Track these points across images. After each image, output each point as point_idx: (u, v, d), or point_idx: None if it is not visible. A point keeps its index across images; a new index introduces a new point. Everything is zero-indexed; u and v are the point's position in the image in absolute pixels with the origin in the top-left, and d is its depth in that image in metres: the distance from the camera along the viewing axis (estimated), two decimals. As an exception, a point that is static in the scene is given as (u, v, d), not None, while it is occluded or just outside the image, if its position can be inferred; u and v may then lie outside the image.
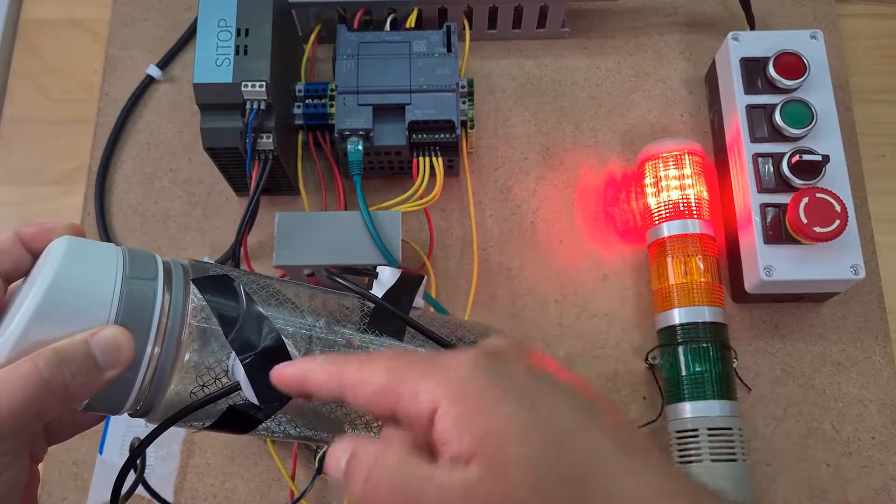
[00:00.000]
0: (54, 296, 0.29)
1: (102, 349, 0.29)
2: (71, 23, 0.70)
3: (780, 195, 0.55)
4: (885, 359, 0.58)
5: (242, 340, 0.32)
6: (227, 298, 0.33)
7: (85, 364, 0.28)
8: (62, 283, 0.29)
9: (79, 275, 0.29)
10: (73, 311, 0.29)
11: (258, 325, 0.33)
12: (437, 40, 0.59)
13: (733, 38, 0.59)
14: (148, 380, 0.31)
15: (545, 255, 0.61)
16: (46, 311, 0.28)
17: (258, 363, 0.32)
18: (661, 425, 0.56)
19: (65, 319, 0.29)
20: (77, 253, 0.30)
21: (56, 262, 0.29)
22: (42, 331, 0.28)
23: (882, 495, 0.55)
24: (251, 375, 0.32)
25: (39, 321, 0.28)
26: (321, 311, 0.37)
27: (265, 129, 0.54)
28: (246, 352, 0.32)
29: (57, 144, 0.66)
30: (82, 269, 0.30)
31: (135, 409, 0.32)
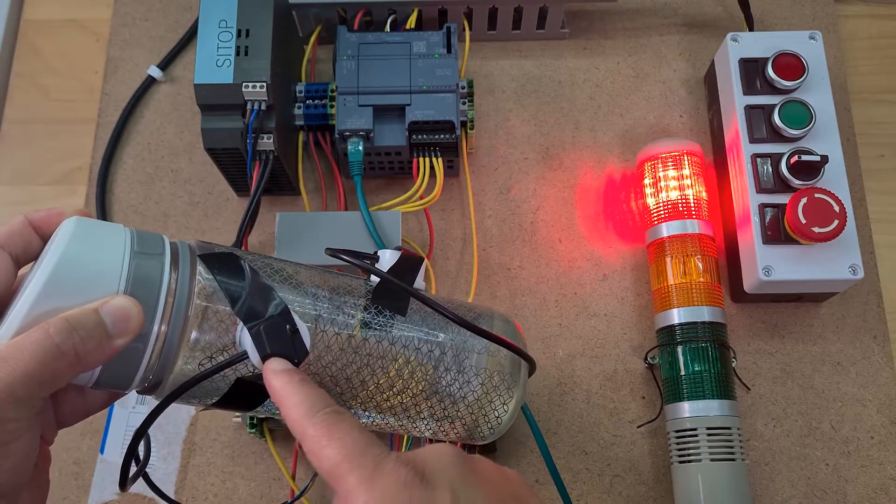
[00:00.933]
0: (64, 268, 0.29)
1: (112, 317, 0.30)
2: (72, 23, 0.70)
3: (779, 195, 0.55)
4: (884, 358, 0.58)
5: (249, 310, 0.33)
6: (233, 274, 0.34)
7: (95, 331, 0.29)
8: (72, 257, 0.30)
9: (88, 249, 0.30)
10: (82, 283, 0.30)
11: (264, 295, 0.33)
12: (437, 41, 0.59)
13: (732, 38, 0.59)
14: (156, 354, 0.31)
15: (545, 255, 0.61)
16: (56, 282, 0.29)
17: (265, 330, 0.32)
18: (660, 425, 0.56)
19: (74, 291, 0.29)
20: (86, 231, 0.31)
21: (66, 239, 0.30)
22: (52, 301, 0.29)
23: (881, 495, 0.55)
24: (258, 343, 0.32)
25: (50, 292, 0.29)
26: (325, 288, 0.38)
27: (266, 130, 0.55)
28: (252, 320, 0.32)
29: (58, 144, 0.66)
30: (91, 245, 0.30)
31: (143, 385, 0.33)
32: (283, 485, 0.56)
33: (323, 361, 0.36)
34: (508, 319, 0.45)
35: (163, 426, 0.57)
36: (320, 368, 0.36)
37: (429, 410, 0.40)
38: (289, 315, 0.33)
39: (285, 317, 0.33)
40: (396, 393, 0.39)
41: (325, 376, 0.37)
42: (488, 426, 0.42)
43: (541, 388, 0.58)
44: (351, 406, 0.39)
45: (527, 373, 0.43)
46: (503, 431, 0.43)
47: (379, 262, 0.43)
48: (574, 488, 0.55)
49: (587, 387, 0.58)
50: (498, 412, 0.41)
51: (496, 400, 0.41)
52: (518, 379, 0.42)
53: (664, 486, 0.55)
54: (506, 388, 0.41)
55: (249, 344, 0.32)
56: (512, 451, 0.56)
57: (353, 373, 0.37)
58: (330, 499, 0.56)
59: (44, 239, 0.33)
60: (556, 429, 0.57)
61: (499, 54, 0.67)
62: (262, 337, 0.32)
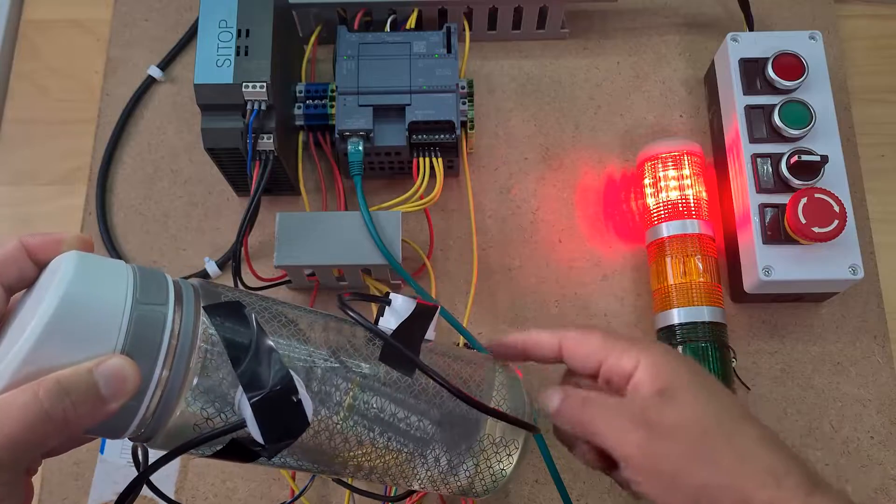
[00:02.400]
0: (61, 318, 0.27)
1: (107, 380, 0.28)
2: (72, 23, 0.70)
3: (779, 195, 0.55)
4: (884, 358, 0.58)
5: (251, 377, 0.31)
6: (237, 327, 0.32)
7: (88, 395, 0.28)
8: (70, 305, 0.28)
9: (87, 296, 0.28)
10: (79, 335, 0.28)
11: (268, 360, 0.31)
12: (437, 41, 0.59)
13: (732, 38, 0.59)
14: (152, 408, 0.30)
15: (545, 255, 0.61)
16: (52, 334, 0.27)
17: (267, 403, 0.31)
18: (661, 425, 0.56)
19: (70, 344, 0.28)
20: (86, 272, 0.29)
21: (64, 282, 0.28)
22: (46, 356, 0.27)
23: (881, 495, 0.55)
24: (259, 415, 0.31)
25: (44, 345, 0.27)
26: (333, 342, 0.36)
27: (266, 130, 0.55)
28: (254, 391, 0.31)
29: (58, 144, 0.66)
30: (91, 291, 0.28)
31: (136, 434, 0.31)
32: (283, 485, 0.56)
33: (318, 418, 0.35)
34: (513, 375, 0.43)
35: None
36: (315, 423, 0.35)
37: (425, 472, 0.39)
38: (293, 386, 0.31)
39: (289, 388, 0.31)
40: (394, 457, 0.38)
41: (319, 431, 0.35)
42: (483, 486, 0.41)
43: (541, 388, 0.58)
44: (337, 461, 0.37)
45: (530, 437, 0.42)
46: (500, 489, 0.42)
47: (391, 306, 0.42)
48: (574, 488, 0.55)
49: (587, 387, 0.58)
50: (496, 474, 0.40)
51: (495, 464, 0.40)
52: (520, 441, 0.41)
53: (664, 486, 0.55)
54: (506, 453, 0.40)
55: (250, 415, 0.31)
56: (512, 451, 0.56)
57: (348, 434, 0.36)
58: (329, 499, 0.56)
59: (39, 265, 0.31)
60: (556, 429, 0.57)
61: (499, 54, 0.67)
62: (263, 411, 0.31)
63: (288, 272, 0.57)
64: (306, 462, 0.37)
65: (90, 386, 0.28)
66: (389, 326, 0.40)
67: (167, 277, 0.31)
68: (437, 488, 0.41)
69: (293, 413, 0.32)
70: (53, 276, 0.29)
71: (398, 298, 0.41)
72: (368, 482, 0.54)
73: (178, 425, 0.31)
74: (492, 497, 0.55)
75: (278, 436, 0.32)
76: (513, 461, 0.40)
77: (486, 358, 0.44)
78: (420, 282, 0.58)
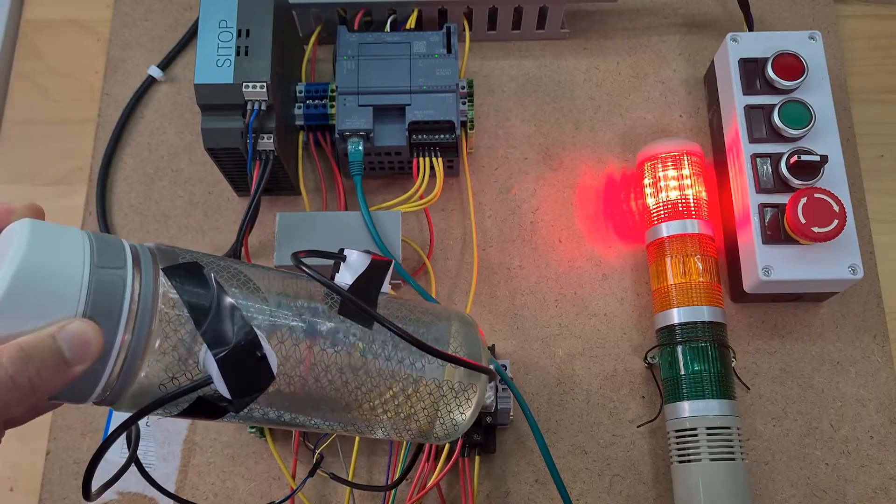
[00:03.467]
0: (20, 286, 0.27)
1: (70, 344, 0.28)
2: (72, 23, 0.70)
3: (779, 195, 0.55)
4: (884, 358, 0.58)
5: (215, 334, 0.31)
6: (197, 288, 0.32)
7: (52, 360, 0.27)
8: (28, 272, 0.27)
9: (45, 263, 0.28)
10: (39, 301, 0.28)
11: (230, 317, 0.32)
12: (437, 41, 0.59)
13: (732, 38, 0.59)
14: (116, 371, 0.30)
15: (545, 255, 0.61)
16: (11, 302, 0.27)
17: (232, 358, 0.31)
18: (660, 424, 0.56)
19: (31, 311, 0.27)
20: (42, 239, 0.28)
21: (21, 249, 0.27)
22: (6, 323, 0.27)
23: (880, 494, 0.55)
24: (224, 371, 0.31)
25: (3, 313, 0.27)
26: (292, 297, 0.37)
27: (266, 130, 0.55)
28: (219, 346, 0.31)
29: (58, 145, 0.66)
30: (48, 257, 0.28)
31: (101, 398, 0.31)
32: (283, 484, 0.56)
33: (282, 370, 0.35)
34: (468, 321, 0.44)
35: (163, 425, 0.58)
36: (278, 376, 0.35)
37: (386, 416, 0.40)
38: (257, 341, 0.32)
39: (253, 343, 0.32)
40: (354, 401, 0.38)
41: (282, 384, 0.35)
42: (444, 431, 0.41)
43: (541, 387, 0.58)
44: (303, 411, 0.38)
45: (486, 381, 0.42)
46: (459, 436, 0.43)
47: (346, 262, 0.42)
48: (574, 488, 0.56)
49: (587, 386, 0.58)
50: (455, 419, 0.41)
51: (455, 408, 0.41)
52: (478, 386, 0.41)
53: (664, 486, 0.55)
54: (465, 398, 0.41)
55: (215, 371, 0.31)
56: (512, 451, 0.56)
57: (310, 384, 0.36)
58: (329, 497, 0.56)
59: None
60: (556, 428, 0.57)
61: (499, 54, 0.67)
62: (228, 366, 0.31)
63: (288, 271, 0.57)
64: (272, 414, 0.37)
65: (54, 350, 0.27)
66: (346, 281, 0.40)
67: (124, 242, 0.31)
68: (400, 435, 0.41)
69: (258, 367, 0.32)
70: (8, 246, 0.28)
71: (353, 254, 0.41)
72: (349, 459, 0.54)
73: (143, 386, 0.31)
74: (491, 496, 0.55)
75: (245, 390, 0.32)
76: (471, 405, 0.41)
77: (442, 308, 0.44)
78: (420, 281, 0.58)
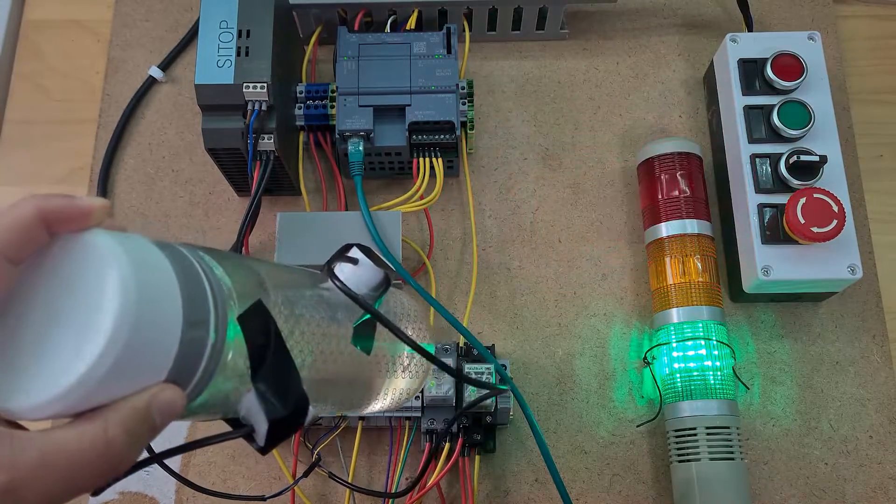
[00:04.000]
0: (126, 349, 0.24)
1: (161, 412, 0.26)
2: (72, 24, 0.70)
3: (778, 195, 0.55)
4: (883, 358, 0.58)
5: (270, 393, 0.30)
6: (261, 335, 0.30)
7: (146, 427, 0.25)
8: (130, 327, 0.24)
9: (149, 320, 0.24)
10: (139, 366, 0.25)
11: (288, 376, 0.31)
12: (437, 42, 0.59)
13: (731, 39, 0.59)
14: None
15: (544, 255, 0.61)
16: (116, 368, 0.24)
17: (284, 422, 0.30)
18: (660, 424, 0.57)
19: (130, 376, 0.25)
20: (139, 281, 0.24)
21: (117, 299, 0.24)
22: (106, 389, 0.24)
23: (880, 494, 0.55)
24: (272, 431, 0.30)
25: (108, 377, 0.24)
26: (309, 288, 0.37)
27: (266, 130, 0.55)
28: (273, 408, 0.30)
29: (59, 145, 0.66)
30: (148, 310, 0.24)
31: None
32: (283, 484, 0.56)
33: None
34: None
35: (163, 426, 0.58)
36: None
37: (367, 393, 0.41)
38: (306, 407, 0.31)
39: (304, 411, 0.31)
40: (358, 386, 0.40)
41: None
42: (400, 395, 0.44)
43: (541, 387, 0.58)
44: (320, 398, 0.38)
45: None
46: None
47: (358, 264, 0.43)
48: (573, 487, 0.56)
49: (587, 386, 0.58)
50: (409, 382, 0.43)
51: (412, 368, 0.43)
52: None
53: (663, 486, 0.56)
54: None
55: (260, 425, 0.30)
56: (512, 451, 0.56)
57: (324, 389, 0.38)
58: (329, 497, 0.56)
59: (51, 233, 0.26)
60: (556, 428, 0.57)
61: (499, 55, 0.67)
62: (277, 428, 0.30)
63: (288, 272, 0.57)
64: None
65: (149, 419, 0.25)
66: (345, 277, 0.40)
67: (203, 278, 0.28)
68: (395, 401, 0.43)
69: (297, 426, 0.32)
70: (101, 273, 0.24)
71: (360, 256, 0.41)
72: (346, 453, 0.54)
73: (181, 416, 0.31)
74: (491, 496, 0.56)
75: (278, 441, 0.32)
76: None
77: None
78: (420, 282, 0.58)
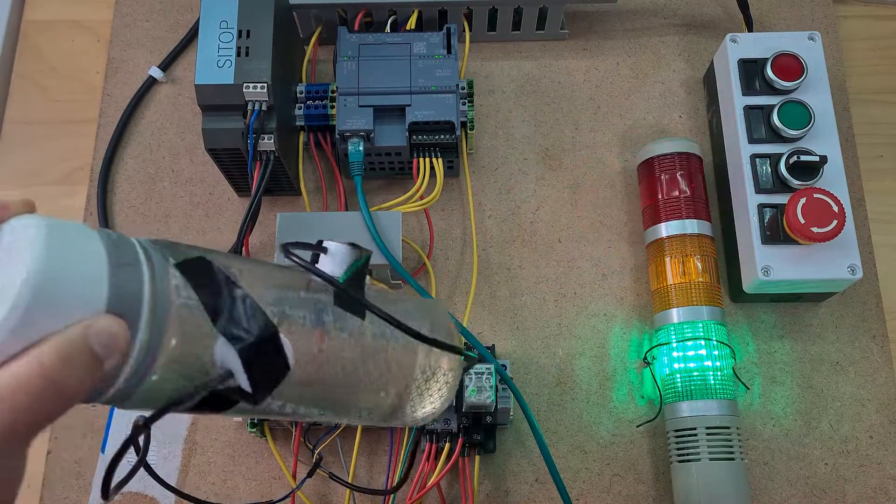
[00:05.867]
0: (46, 286, 0.26)
1: (100, 339, 0.27)
2: (73, 24, 0.70)
3: (778, 195, 0.55)
4: (883, 358, 0.58)
5: (233, 327, 0.31)
6: (210, 282, 0.31)
7: (87, 359, 0.27)
8: (52, 272, 0.26)
9: (67, 261, 0.27)
10: (65, 302, 0.27)
11: (247, 308, 0.31)
12: (437, 42, 0.59)
13: (731, 39, 0.59)
14: (133, 369, 0.29)
15: (544, 255, 0.61)
16: (39, 303, 0.26)
17: (254, 350, 0.31)
18: (660, 424, 0.57)
19: (58, 312, 0.26)
20: (60, 237, 0.27)
21: (41, 248, 0.26)
22: (34, 327, 0.26)
23: (880, 494, 0.55)
24: (246, 364, 0.30)
25: (31, 316, 0.26)
26: (292, 289, 0.36)
27: (266, 130, 0.55)
28: (239, 338, 0.30)
29: (59, 145, 0.66)
30: (69, 256, 0.27)
31: (112, 397, 0.30)
32: (284, 484, 0.56)
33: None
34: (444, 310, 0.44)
35: (163, 426, 0.58)
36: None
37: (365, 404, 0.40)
38: (276, 331, 0.31)
39: (273, 334, 0.31)
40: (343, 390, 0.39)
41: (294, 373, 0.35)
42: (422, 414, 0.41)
43: (541, 387, 0.58)
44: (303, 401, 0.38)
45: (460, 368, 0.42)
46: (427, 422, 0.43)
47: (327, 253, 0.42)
48: (574, 488, 0.56)
49: (587, 387, 0.58)
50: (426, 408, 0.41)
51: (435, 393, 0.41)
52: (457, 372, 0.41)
53: (663, 486, 0.56)
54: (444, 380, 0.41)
55: (236, 365, 0.30)
56: (512, 451, 0.56)
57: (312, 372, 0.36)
58: (329, 497, 0.56)
59: None
60: (556, 428, 0.57)
61: (499, 55, 0.67)
62: (250, 358, 0.30)
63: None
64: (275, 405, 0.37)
65: (87, 349, 0.27)
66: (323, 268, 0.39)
67: (133, 239, 0.31)
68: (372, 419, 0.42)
69: (276, 358, 0.32)
70: (14, 243, 0.27)
71: (331, 245, 0.41)
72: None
73: (153, 385, 0.30)
74: (491, 496, 0.56)
75: (265, 382, 0.31)
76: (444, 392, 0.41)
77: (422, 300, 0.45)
78: (420, 281, 0.58)
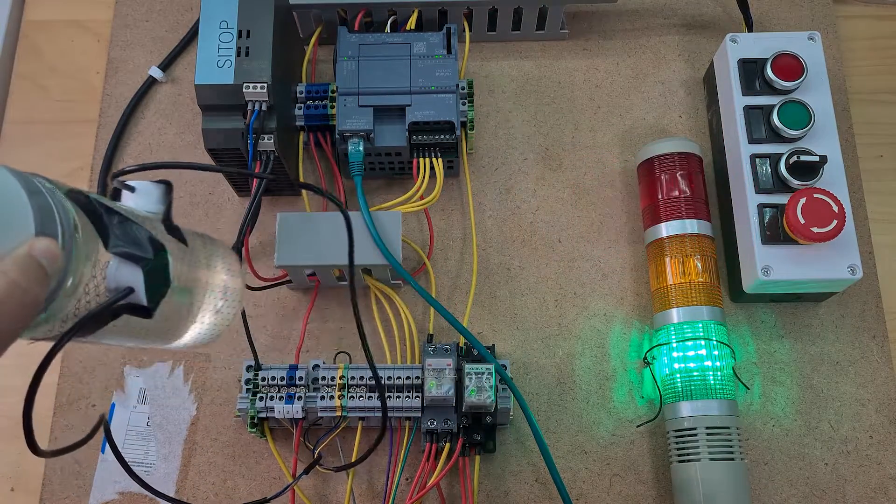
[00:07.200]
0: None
1: (44, 255, 0.29)
2: (73, 24, 0.70)
3: (778, 196, 0.55)
4: (883, 358, 0.58)
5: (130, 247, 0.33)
6: (98, 208, 0.34)
7: (39, 272, 0.28)
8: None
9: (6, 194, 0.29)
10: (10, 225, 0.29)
11: (135, 231, 0.34)
12: (437, 42, 0.59)
13: (731, 39, 0.59)
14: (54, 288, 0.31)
15: (544, 255, 0.61)
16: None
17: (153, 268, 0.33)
18: (660, 424, 0.57)
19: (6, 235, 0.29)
20: None
21: None
22: None
23: (880, 494, 0.55)
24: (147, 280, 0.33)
25: None
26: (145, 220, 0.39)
27: (266, 130, 0.55)
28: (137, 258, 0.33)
29: (59, 145, 0.66)
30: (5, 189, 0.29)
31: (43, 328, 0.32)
32: (283, 484, 0.56)
33: None
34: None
35: (163, 426, 0.58)
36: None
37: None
38: (165, 251, 0.34)
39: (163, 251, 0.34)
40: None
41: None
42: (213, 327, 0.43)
43: (541, 387, 0.58)
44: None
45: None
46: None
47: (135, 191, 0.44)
48: (574, 488, 0.56)
49: (587, 387, 0.58)
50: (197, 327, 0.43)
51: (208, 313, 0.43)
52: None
53: (663, 486, 0.56)
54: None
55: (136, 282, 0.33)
56: (512, 451, 0.56)
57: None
58: (329, 497, 0.56)
59: None
60: (556, 428, 0.57)
61: (499, 55, 0.67)
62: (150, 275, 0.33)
63: (288, 272, 0.57)
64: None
65: (35, 261, 0.28)
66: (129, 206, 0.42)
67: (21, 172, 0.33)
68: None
69: (165, 273, 0.35)
70: None
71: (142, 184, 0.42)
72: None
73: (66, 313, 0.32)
74: (491, 496, 0.56)
75: (157, 296, 0.34)
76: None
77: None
78: (420, 281, 0.58)
